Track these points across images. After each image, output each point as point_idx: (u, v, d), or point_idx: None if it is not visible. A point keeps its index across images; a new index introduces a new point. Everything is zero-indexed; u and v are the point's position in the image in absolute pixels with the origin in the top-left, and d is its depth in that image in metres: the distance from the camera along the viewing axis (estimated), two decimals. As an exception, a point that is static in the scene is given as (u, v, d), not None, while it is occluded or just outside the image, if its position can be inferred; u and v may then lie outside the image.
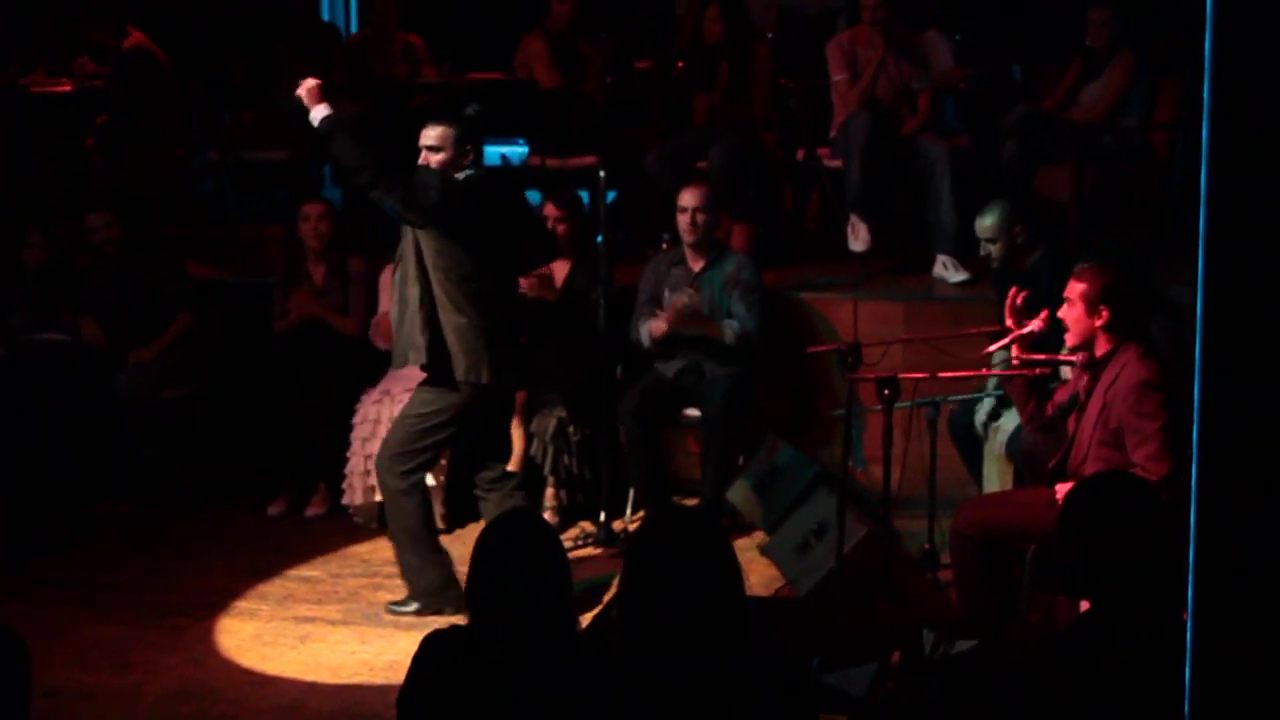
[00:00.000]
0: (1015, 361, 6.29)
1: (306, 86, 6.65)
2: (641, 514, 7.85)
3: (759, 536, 7.45)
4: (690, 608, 3.59)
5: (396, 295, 6.77)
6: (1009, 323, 6.29)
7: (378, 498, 7.77)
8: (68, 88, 10.55)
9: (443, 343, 6.66)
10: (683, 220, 7.88)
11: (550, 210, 8.11)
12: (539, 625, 3.85)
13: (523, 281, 7.92)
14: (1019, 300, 6.28)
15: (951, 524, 6.24)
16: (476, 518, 7.30)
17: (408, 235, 6.69)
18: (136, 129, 9.84)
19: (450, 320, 6.64)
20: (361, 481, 7.84)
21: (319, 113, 6.63)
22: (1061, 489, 5.69)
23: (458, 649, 3.91)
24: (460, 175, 6.61)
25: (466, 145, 6.64)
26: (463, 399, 6.72)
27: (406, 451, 6.78)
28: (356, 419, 7.90)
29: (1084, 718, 3.79)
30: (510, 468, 7.82)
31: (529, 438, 7.93)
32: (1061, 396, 6.31)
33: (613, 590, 6.37)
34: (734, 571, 3.70)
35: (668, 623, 3.59)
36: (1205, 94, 2.81)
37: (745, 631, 3.65)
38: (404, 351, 6.76)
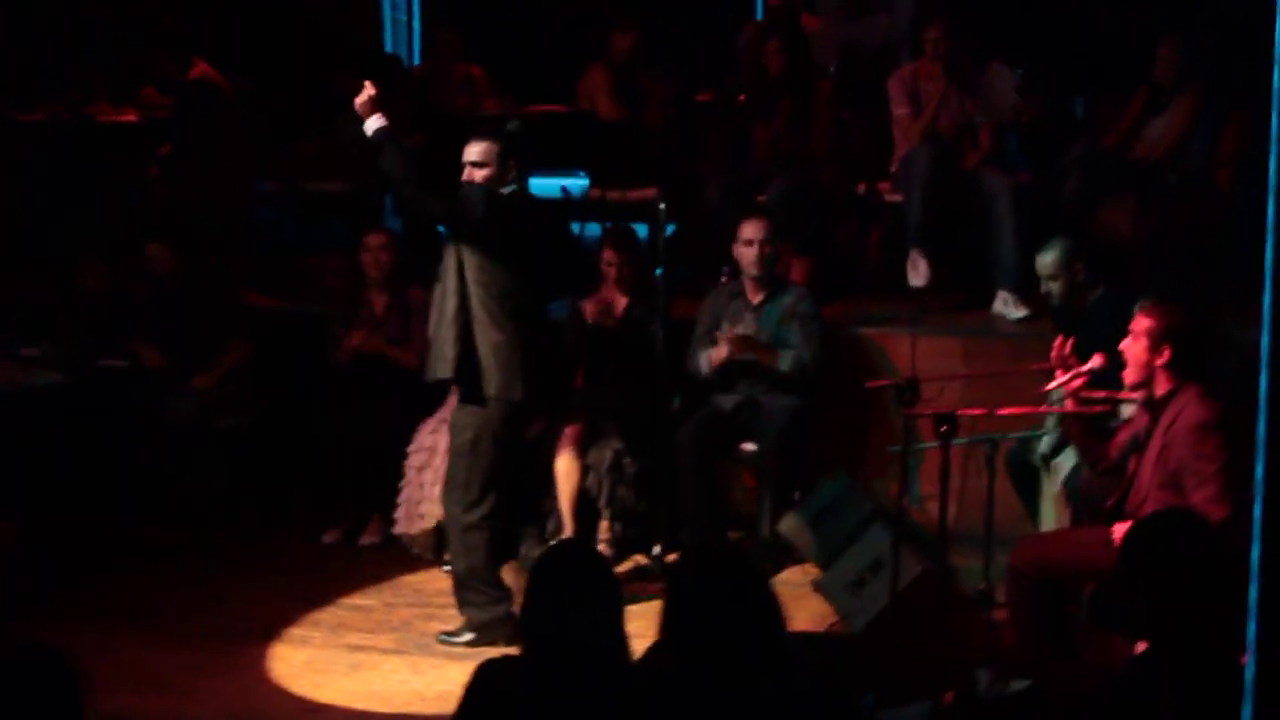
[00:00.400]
0: (1069, 401, 6.24)
1: (363, 96, 6.69)
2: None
3: (814, 572, 7.40)
4: (727, 641, 3.60)
5: (435, 309, 6.80)
6: (1057, 371, 6.25)
7: (427, 525, 7.78)
8: (133, 118, 10.63)
9: (474, 358, 6.67)
10: (747, 252, 7.86)
11: (609, 255, 8.11)
12: (592, 657, 3.85)
13: (587, 308, 7.94)
14: (1068, 349, 6.23)
15: (1008, 561, 6.19)
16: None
17: (450, 251, 6.72)
18: (200, 159, 9.89)
19: (487, 336, 6.66)
20: (415, 510, 7.83)
21: (373, 124, 6.70)
22: (1120, 528, 5.63)
23: (511, 679, 3.91)
24: (504, 191, 6.64)
25: (510, 161, 6.67)
26: (498, 417, 6.71)
27: (463, 483, 6.79)
28: (412, 447, 7.89)
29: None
30: (564, 501, 7.82)
31: (585, 470, 7.91)
32: (1123, 437, 6.26)
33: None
34: (770, 605, 3.71)
35: (706, 656, 3.59)
36: (1273, 128, 2.77)
37: (785, 663, 3.65)
38: (434, 363, 6.79)
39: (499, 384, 6.68)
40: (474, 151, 6.70)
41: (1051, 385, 6.46)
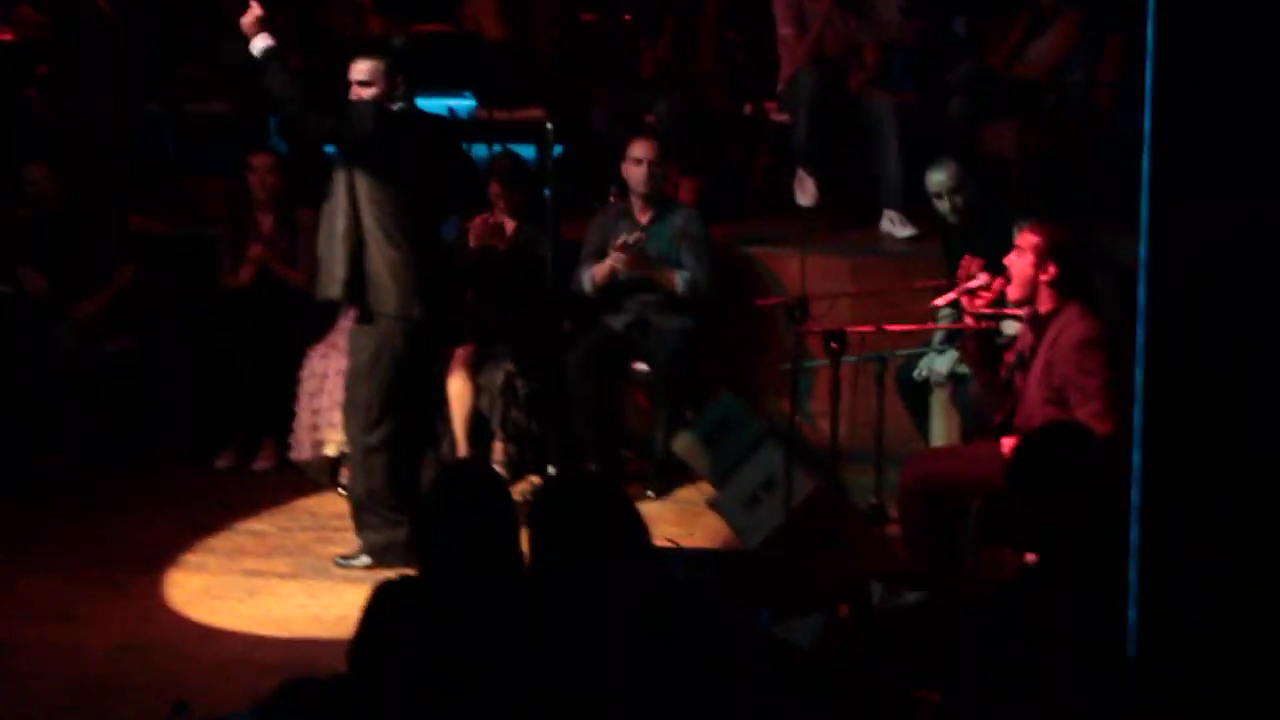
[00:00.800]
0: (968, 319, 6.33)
1: (249, 16, 6.62)
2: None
3: (708, 490, 7.46)
4: (591, 564, 3.65)
5: (324, 227, 6.76)
6: (980, 280, 6.31)
7: (326, 452, 7.77)
8: (9, 36, 10.42)
9: (366, 277, 6.65)
10: (635, 171, 7.87)
11: (495, 188, 8.08)
12: (488, 575, 3.87)
13: (471, 231, 7.92)
14: (975, 267, 6.29)
15: (899, 478, 6.28)
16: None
17: (340, 169, 6.69)
18: (78, 79, 9.73)
19: (381, 253, 6.63)
20: (309, 436, 7.81)
21: (259, 43, 6.64)
22: (1008, 442, 5.73)
23: (408, 600, 3.92)
24: (393, 108, 6.62)
25: (397, 78, 6.64)
26: (397, 336, 6.71)
27: (364, 404, 6.77)
28: (303, 373, 7.86)
29: (1029, 668, 3.83)
30: (457, 422, 7.83)
31: (477, 391, 7.91)
32: (1009, 355, 6.35)
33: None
34: (630, 522, 3.77)
35: (573, 581, 3.65)
36: (1148, 48, 2.83)
37: (657, 578, 3.71)
38: (324, 283, 6.78)
39: (396, 302, 6.66)
40: (360, 70, 6.66)
41: (939, 300, 6.54)
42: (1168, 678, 2.96)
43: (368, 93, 6.63)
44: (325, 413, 7.75)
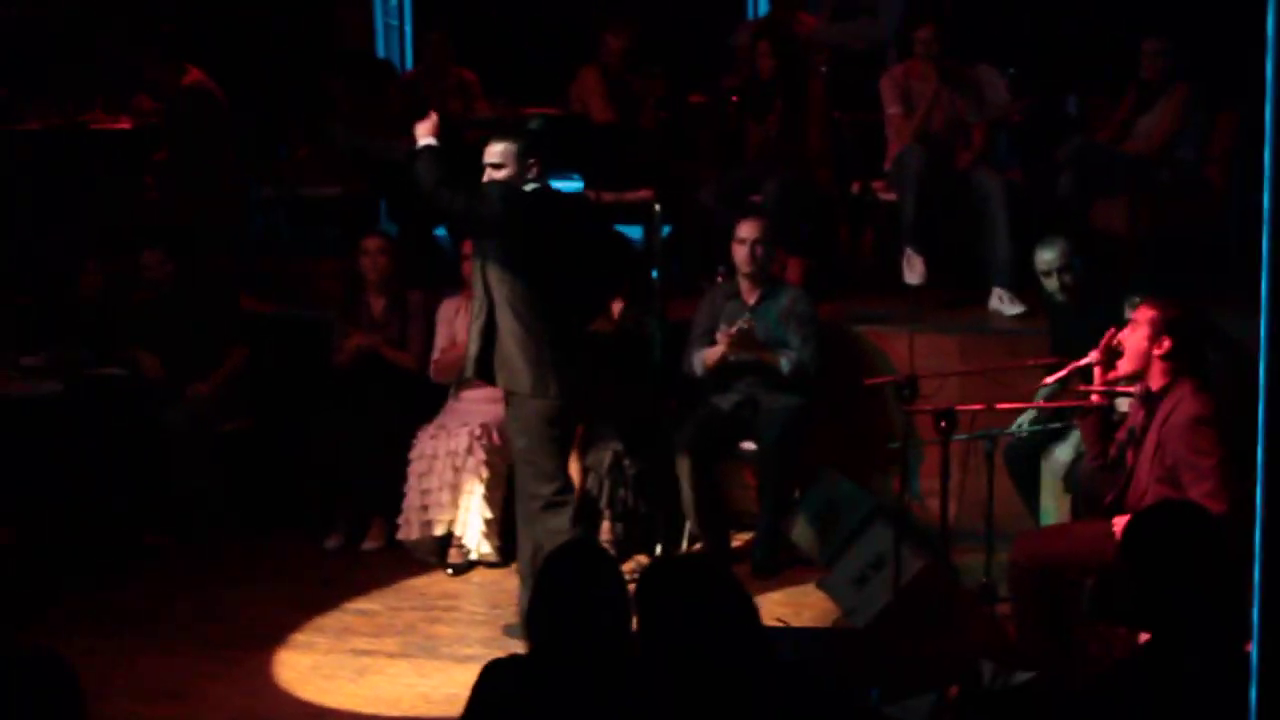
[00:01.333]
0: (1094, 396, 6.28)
1: (429, 123, 6.70)
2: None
3: (816, 569, 7.43)
4: (698, 645, 3.62)
5: (473, 312, 6.86)
6: (1095, 356, 6.26)
7: (434, 532, 7.80)
8: (126, 125, 10.64)
9: (492, 356, 6.72)
10: (740, 252, 7.89)
11: None
12: (598, 657, 3.86)
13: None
14: (1115, 342, 6.24)
15: (1010, 556, 6.22)
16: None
17: (476, 255, 6.80)
18: (193, 165, 9.91)
19: (513, 334, 6.68)
20: (418, 516, 7.85)
21: (424, 140, 6.72)
22: (1120, 521, 5.67)
23: (517, 679, 3.92)
24: (526, 189, 6.66)
25: (530, 160, 6.67)
26: (536, 417, 6.75)
27: (528, 470, 6.84)
28: (413, 454, 7.91)
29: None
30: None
31: (585, 471, 7.93)
32: (1120, 433, 6.30)
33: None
34: (738, 602, 3.74)
35: (683, 660, 3.62)
36: (1267, 123, 2.80)
37: (766, 658, 3.68)
38: (465, 365, 6.94)
39: (530, 382, 6.70)
40: (492, 153, 6.72)
41: (1050, 379, 6.51)
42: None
43: (500, 174, 6.68)
44: (434, 493, 7.80)
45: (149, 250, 8.62)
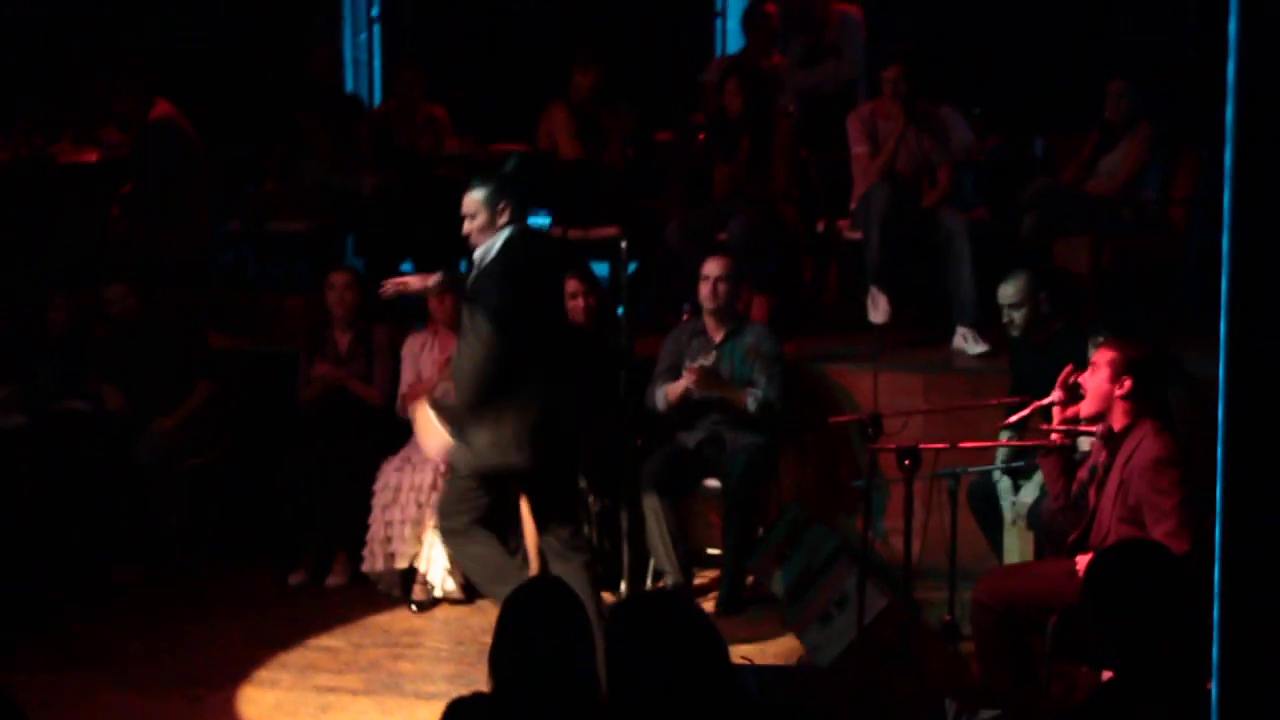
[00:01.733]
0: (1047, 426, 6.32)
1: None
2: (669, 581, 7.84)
3: (779, 607, 7.44)
4: (670, 684, 3.61)
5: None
6: (1057, 395, 6.29)
7: (398, 565, 7.80)
8: (93, 157, 10.62)
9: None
10: (705, 289, 7.92)
11: (573, 285, 8.14)
12: (562, 695, 3.86)
13: None
14: (1072, 379, 6.28)
15: (973, 594, 6.23)
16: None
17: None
18: (159, 198, 9.90)
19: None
20: (382, 549, 7.85)
21: None
22: (1083, 560, 5.70)
23: (482, 716, 3.92)
24: (501, 235, 6.59)
25: (500, 204, 6.59)
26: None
27: (456, 499, 6.82)
28: (377, 485, 7.91)
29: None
30: (529, 540, 7.83)
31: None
32: (1083, 473, 6.33)
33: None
34: (709, 640, 3.73)
35: (652, 701, 3.61)
36: (1226, 164, 2.83)
37: (736, 696, 3.67)
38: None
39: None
40: (465, 205, 6.66)
41: (1012, 419, 6.55)
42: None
43: (472, 225, 6.59)
44: (398, 525, 7.80)
45: (112, 285, 8.61)
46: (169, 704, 6.78)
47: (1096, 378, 6.04)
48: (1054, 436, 6.31)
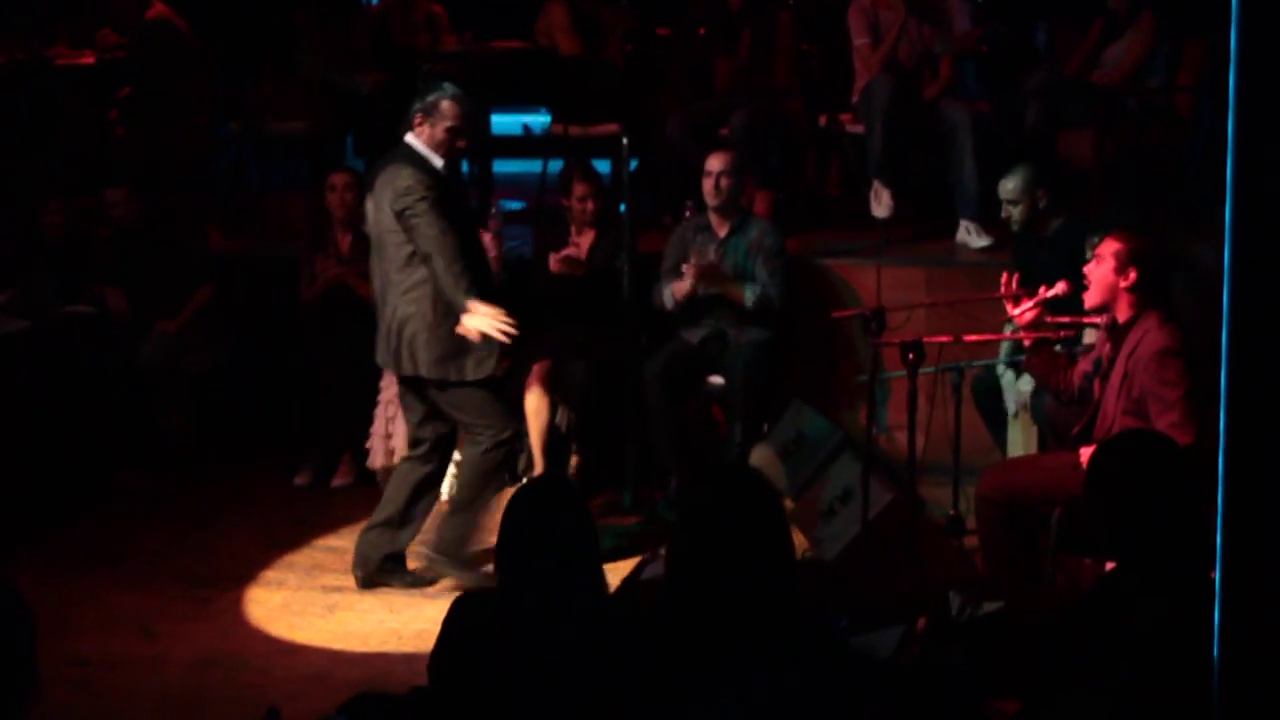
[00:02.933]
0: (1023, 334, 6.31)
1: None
2: (674, 480, 7.85)
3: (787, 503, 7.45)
4: (742, 567, 3.56)
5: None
6: (1008, 307, 6.30)
7: (397, 461, 7.81)
8: (90, 59, 10.55)
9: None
10: (708, 185, 7.87)
11: (579, 188, 8.11)
12: (567, 587, 3.87)
13: (551, 260, 7.96)
14: (1013, 285, 6.29)
15: (977, 488, 6.25)
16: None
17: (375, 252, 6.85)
18: (158, 101, 9.84)
19: (446, 318, 6.72)
20: (383, 445, 7.86)
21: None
22: (1086, 452, 5.70)
23: (487, 612, 3.93)
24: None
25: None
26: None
27: (484, 430, 6.90)
28: (382, 383, 7.90)
29: (1109, 677, 3.80)
30: (534, 438, 7.86)
31: (553, 406, 7.94)
32: (1086, 365, 6.32)
33: (639, 558, 6.39)
34: (787, 534, 3.69)
35: (718, 581, 3.56)
36: (1231, 50, 2.80)
37: (794, 595, 3.63)
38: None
39: (471, 365, 6.76)
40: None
41: (1017, 310, 6.53)
42: (1253, 685, 2.93)
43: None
44: (397, 422, 7.80)
45: (113, 189, 8.57)
46: (176, 605, 6.82)
47: (1101, 269, 6.02)
48: (1061, 330, 6.30)
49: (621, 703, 3.66)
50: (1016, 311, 6.41)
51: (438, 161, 6.65)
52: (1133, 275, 5.96)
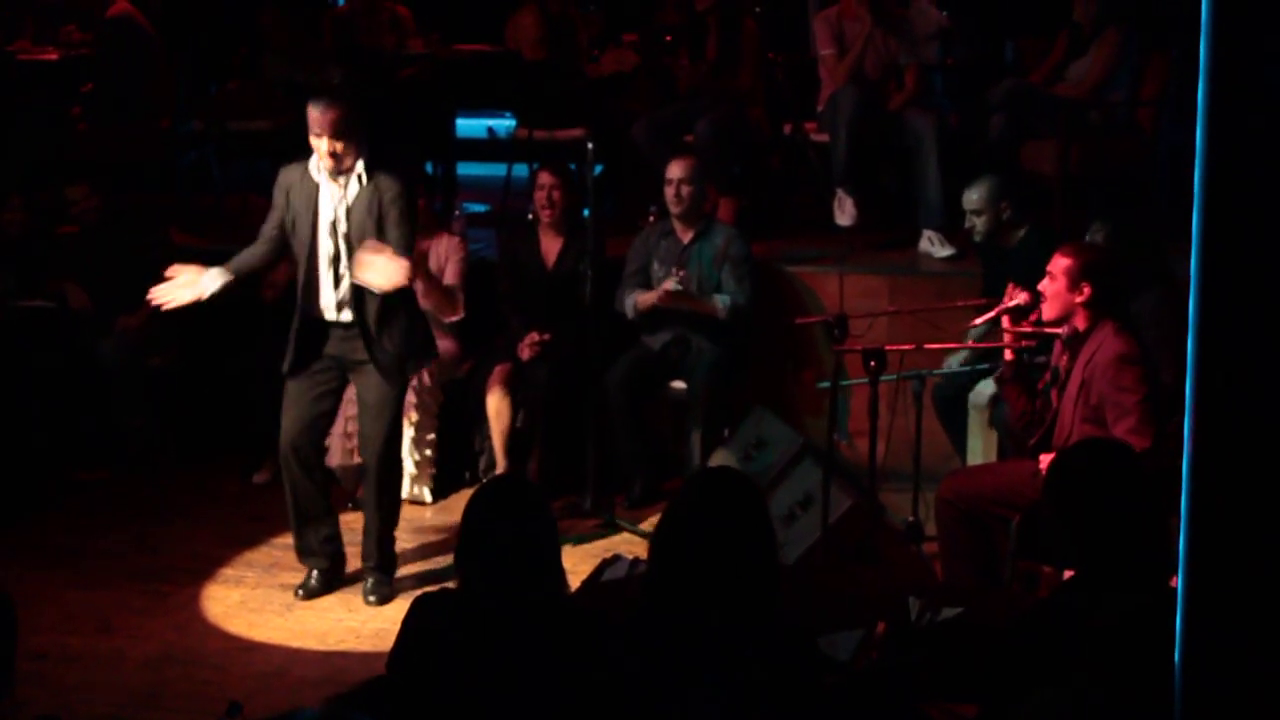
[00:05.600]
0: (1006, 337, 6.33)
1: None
2: (635, 486, 7.87)
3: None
4: (728, 566, 3.58)
5: None
6: (1023, 298, 6.32)
7: (356, 460, 7.78)
8: (54, 56, 10.51)
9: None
10: (669, 192, 7.89)
11: (545, 179, 8.09)
12: (527, 590, 3.87)
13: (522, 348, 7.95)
14: (1017, 296, 6.31)
15: (937, 493, 6.28)
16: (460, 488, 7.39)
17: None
18: (121, 98, 9.81)
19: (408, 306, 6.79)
20: (341, 444, 7.79)
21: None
22: (1046, 459, 5.72)
23: (447, 611, 3.93)
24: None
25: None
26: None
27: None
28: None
29: (1067, 683, 3.82)
30: (496, 438, 7.87)
31: (515, 409, 7.94)
32: (1046, 375, 6.35)
33: (598, 561, 6.39)
34: (771, 535, 3.71)
35: (702, 580, 3.58)
36: (1202, 62, 2.82)
37: (775, 595, 3.66)
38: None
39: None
40: None
41: (978, 320, 6.56)
42: (1215, 691, 2.94)
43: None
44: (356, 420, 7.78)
45: (74, 185, 8.53)
46: (133, 600, 6.81)
47: (1054, 286, 6.07)
48: (1015, 341, 6.33)
49: (584, 700, 3.66)
50: (978, 321, 6.45)
51: (316, 167, 6.64)
52: (1086, 290, 6.01)
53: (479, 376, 8.03)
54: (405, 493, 7.82)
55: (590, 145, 7.80)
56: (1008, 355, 6.37)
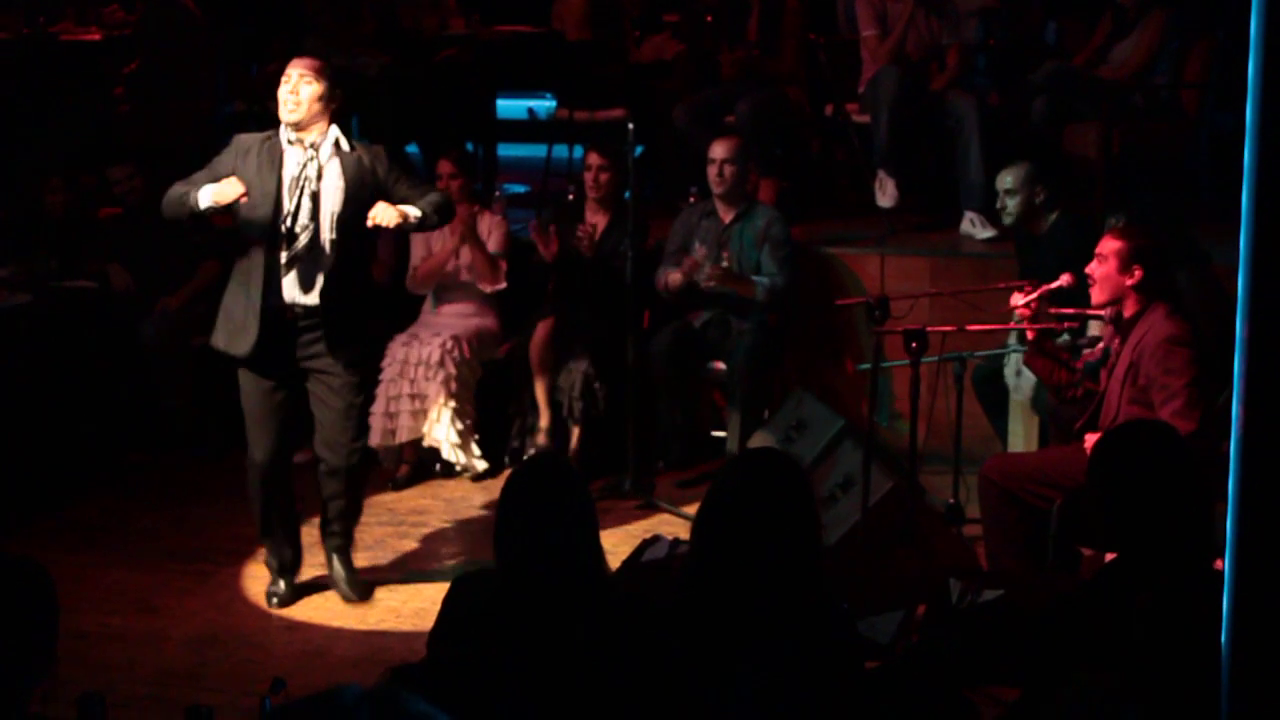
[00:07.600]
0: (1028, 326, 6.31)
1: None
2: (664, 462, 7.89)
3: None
4: (769, 549, 3.57)
5: None
6: (1012, 299, 6.31)
7: (397, 440, 7.80)
8: (96, 36, 10.53)
9: None
10: (712, 172, 7.87)
11: (594, 159, 8.09)
12: (566, 570, 3.87)
13: (581, 234, 7.94)
14: (1022, 296, 6.30)
15: (980, 473, 6.24)
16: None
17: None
18: (163, 79, 9.83)
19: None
20: (381, 424, 7.79)
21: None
22: (1091, 439, 5.70)
23: (487, 591, 3.93)
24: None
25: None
26: None
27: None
28: (385, 361, 7.87)
29: (1108, 667, 3.80)
30: (539, 389, 7.90)
31: (554, 391, 7.94)
32: (1092, 356, 6.32)
33: (639, 540, 6.39)
34: (816, 518, 3.70)
35: (746, 561, 3.57)
36: (1252, 45, 2.79)
37: (818, 579, 3.64)
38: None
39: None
40: None
41: (1020, 300, 6.53)
42: (1262, 675, 2.92)
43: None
44: (401, 400, 7.79)
45: (117, 166, 8.56)
46: (175, 580, 6.84)
47: (1104, 269, 6.01)
48: (1065, 322, 6.30)
49: (625, 681, 3.66)
50: (1019, 304, 6.42)
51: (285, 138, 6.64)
52: (1138, 273, 5.95)
53: (518, 357, 8.04)
54: (456, 464, 7.86)
55: (631, 126, 7.79)
56: (1029, 335, 6.35)
